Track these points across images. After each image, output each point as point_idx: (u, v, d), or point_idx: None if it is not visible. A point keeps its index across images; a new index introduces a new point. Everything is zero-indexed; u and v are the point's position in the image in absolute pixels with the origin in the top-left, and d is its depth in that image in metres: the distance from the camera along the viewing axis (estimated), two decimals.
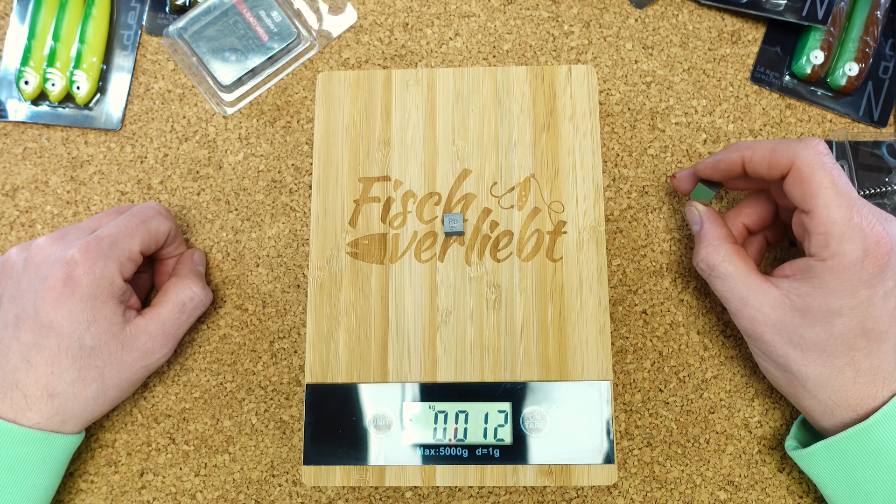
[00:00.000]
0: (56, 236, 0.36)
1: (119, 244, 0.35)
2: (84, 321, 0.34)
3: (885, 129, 0.43)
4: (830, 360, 0.32)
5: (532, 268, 0.38)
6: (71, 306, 0.34)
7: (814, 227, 0.31)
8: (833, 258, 0.31)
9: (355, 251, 0.39)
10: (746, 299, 0.34)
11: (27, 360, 0.34)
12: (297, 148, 0.43)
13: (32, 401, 0.34)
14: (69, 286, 0.34)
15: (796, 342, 0.33)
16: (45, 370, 0.34)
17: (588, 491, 0.39)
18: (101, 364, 0.35)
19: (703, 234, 0.37)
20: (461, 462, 0.37)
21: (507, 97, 0.40)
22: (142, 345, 0.36)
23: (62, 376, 0.34)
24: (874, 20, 0.42)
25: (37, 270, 0.35)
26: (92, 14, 0.44)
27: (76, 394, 0.35)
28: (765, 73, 0.43)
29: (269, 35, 0.43)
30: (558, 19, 0.44)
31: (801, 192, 0.32)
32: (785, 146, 0.33)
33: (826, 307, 0.31)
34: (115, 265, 0.35)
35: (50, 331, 0.34)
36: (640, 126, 0.43)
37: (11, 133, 0.44)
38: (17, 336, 0.34)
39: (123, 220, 0.37)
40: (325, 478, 0.37)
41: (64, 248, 0.35)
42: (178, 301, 0.38)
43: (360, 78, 0.41)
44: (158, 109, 0.44)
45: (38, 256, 0.35)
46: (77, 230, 0.37)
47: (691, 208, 0.38)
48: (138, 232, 0.36)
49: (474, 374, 0.37)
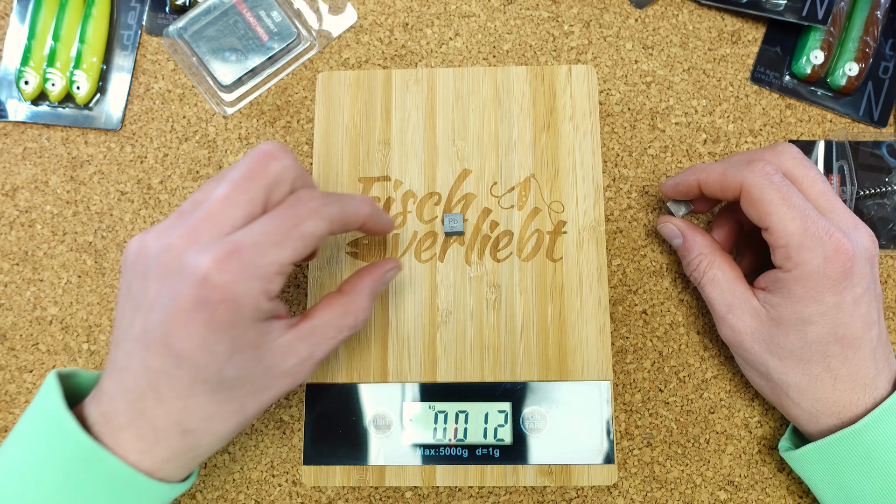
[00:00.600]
0: (190, 231, 0.28)
1: (265, 257, 0.27)
2: (223, 352, 0.27)
3: (885, 129, 0.43)
4: (807, 367, 0.33)
5: (532, 268, 0.38)
6: (206, 336, 0.27)
7: (774, 242, 0.33)
8: (796, 268, 0.32)
9: (355, 251, 0.39)
10: (731, 307, 0.35)
11: (155, 389, 0.28)
12: (297, 148, 0.43)
13: (163, 436, 0.29)
14: (203, 312, 0.27)
15: (774, 351, 0.34)
16: (176, 404, 0.28)
17: (588, 491, 0.39)
18: (242, 395, 0.29)
19: (688, 245, 0.37)
20: (461, 462, 0.37)
21: (507, 97, 0.40)
22: (289, 368, 0.30)
23: (196, 412, 0.29)
24: (874, 20, 0.42)
25: (167, 280, 0.28)
26: (92, 14, 0.44)
27: (213, 430, 0.30)
28: (765, 73, 0.43)
29: (270, 35, 0.43)
30: (558, 19, 0.44)
31: (755, 212, 0.33)
32: (734, 170, 0.34)
33: (796, 316, 0.32)
34: (259, 284, 0.27)
35: (182, 361, 0.27)
36: (640, 126, 0.43)
37: (11, 133, 0.44)
38: (144, 358, 0.28)
39: (272, 222, 0.28)
40: (325, 478, 0.37)
41: (197, 256, 0.27)
42: (339, 325, 0.32)
43: (360, 78, 0.41)
44: (158, 109, 0.44)
45: (170, 259, 0.28)
46: (211, 225, 0.28)
47: (666, 224, 0.39)
48: (289, 239, 0.28)
49: (474, 374, 0.37)
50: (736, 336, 0.35)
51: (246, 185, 0.28)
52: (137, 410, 0.29)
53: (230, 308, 0.27)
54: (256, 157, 0.29)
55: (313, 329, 0.31)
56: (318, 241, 0.30)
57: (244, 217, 0.28)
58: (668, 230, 0.39)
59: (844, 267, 0.31)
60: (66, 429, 0.29)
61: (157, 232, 0.29)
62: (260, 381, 0.29)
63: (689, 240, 0.37)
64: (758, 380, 0.36)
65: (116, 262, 0.42)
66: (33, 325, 0.42)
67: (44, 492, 0.29)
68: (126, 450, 0.29)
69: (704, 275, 0.36)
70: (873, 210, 0.41)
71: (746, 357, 0.35)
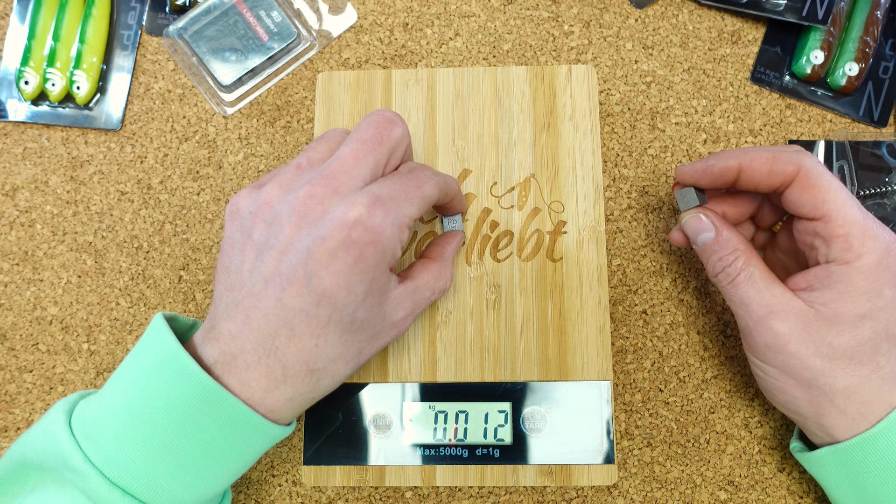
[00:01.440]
0: (328, 181, 0.29)
1: (401, 209, 0.30)
2: (361, 293, 0.29)
3: (885, 129, 0.43)
4: (857, 368, 0.31)
5: (532, 268, 0.38)
6: (350, 276, 0.28)
7: (832, 231, 0.31)
8: (858, 259, 0.30)
9: None
10: (772, 308, 0.32)
11: (290, 326, 0.29)
12: (297, 148, 0.43)
13: (291, 374, 0.30)
14: (351, 252, 0.28)
15: (824, 352, 0.31)
16: (309, 342, 0.29)
17: (588, 491, 0.39)
18: (364, 339, 0.31)
19: (723, 240, 0.34)
20: (461, 462, 0.37)
21: (507, 97, 0.40)
22: (399, 319, 0.33)
23: (326, 351, 0.30)
24: (874, 20, 0.42)
25: (307, 225, 0.29)
26: (92, 14, 0.44)
27: (334, 371, 0.31)
28: (765, 73, 0.43)
29: (269, 35, 0.43)
30: (558, 19, 0.44)
31: (810, 198, 0.31)
32: (787, 153, 0.32)
33: (856, 311, 0.30)
34: (399, 232, 0.30)
35: (323, 299, 0.28)
36: (640, 126, 0.43)
37: (11, 133, 0.44)
38: (281, 297, 0.29)
39: (401, 181, 0.31)
40: (325, 478, 0.37)
41: (345, 204, 0.28)
42: (434, 288, 0.34)
43: (360, 78, 0.41)
44: (158, 109, 0.44)
45: (314, 205, 0.29)
46: (350, 178, 0.30)
47: (698, 216, 0.35)
48: (416, 198, 0.31)
49: (474, 374, 0.37)
50: (779, 340, 0.31)
51: (374, 145, 0.31)
52: (269, 348, 0.29)
53: (377, 250, 0.29)
54: (381, 121, 0.31)
55: (416, 287, 0.33)
56: (432, 203, 0.33)
57: (371, 175, 0.30)
58: (697, 224, 0.34)
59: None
60: (185, 369, 0.29)
61: (278, 184, 0.31)
62: (378, 326, 0.32)
63: (724, 234, 0.34)
64: (793, 390, 0.32)
65: (116, 261, 0.42)
66: (33, 325, 0.42)
67: (160, 428, 0.29)
68: (252, 388, 0.30)
69: (741, 273, 0.33)
70: (873, 210, 0.41)
71: (789, 363, 0.32)
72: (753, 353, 0.33)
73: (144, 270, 0.42)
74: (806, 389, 0.32)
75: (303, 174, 0.31)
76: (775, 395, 0.34)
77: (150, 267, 0.42)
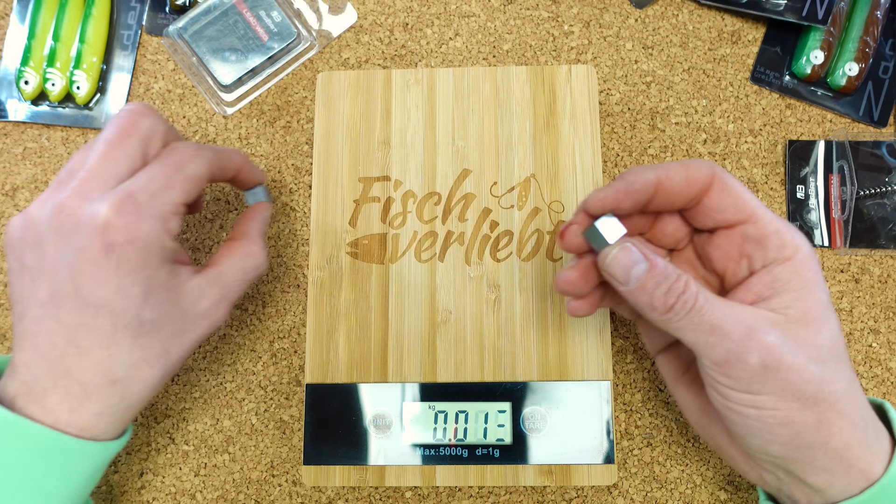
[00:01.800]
0: (77, 190, 0.29)
1: (159, 198, 0.29)
2: (139, 294, 0.29)
3: (885, 128, 0.43)
4: (845, 367, 0.28)
5: (532, 268, 0.38)
6: (119, 280, 0.28)
7: (763, 229, 0.29)
8: (798, 252, 0.28)
9: (355, 251, 0.39)
10: (748, 323, 0.27)
11: (76, 344, 0.29)
12: (297, 148, 0.43)
13: (91, 389, 0.29)
14: (111, 256, 0.28)
15: (815, 356, 0.27)
16: (101, 354, 0.29)
17: (588, 491, 0.39)
18: (165, 338, 0.30)
19: (660, 269, 0.28)
20: (461, 462, 0.37)
21: (507, 97, 0.40)
22: (205, 310, 0.32)
23: (122, 359, 0.29)
24: (874, 20, 0.42)
25: (65, 238, 0.29)
26: (92, 14, 0.44)
27: (141, 376, 0.30)
28: (765, 73, 0.43)
29: (269, 35, 0.43)
30: (558, 19, 0.44)
31: (732, 201, 0.29)
32: (695, 161, 0.30)
33: (821, 304, 0.28)
34: (159, 224, 0.29)
35: (99, 309, 0.28)
36: (640, 126, 0.43)
37: (11, 133, 0.44)
38: (57, 317, 0.28)
39: (157, 168, 0.30)
40: (325, 478, 0.37)
41: (92, 207, 0.28)
42: (242, 268, 0.34)
43: (360, 78, 0.41)
44: (159, 109, 0.44)
45: (65, 219, 0.29)
46: (97, 181, 0.29)
47: (627, 248, 0.29)
48: (176, 181, 0.30)
49: (474, 374, 0.38)
50: (772, 354, 0.27)
51: (121, 141, 0.30)
52: (61, 370, 0.29)
53: (137, 248, 0.28)
54: (125, 115, 0.31)
55: (219, 273, 0.33)
56: (202, 182, 0.32)
57: (127, 171, 0.30)
58: (627, 258, 0.28)
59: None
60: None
61: (39, 203, 0.30)
62: (179, 323, 0.31)
63: (659, 263, 0.28)
64: (799, 415, 0.27)
65: None
66: None
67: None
68: (56, 412, 0.29)
69: (698, 296, 0.27)
70: (873, 210, 0.41)
71: (789, 380, 0.27)
72: (742, 386, 0.27)
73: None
74: (812, 408, 0.27)
75: (60, 188, 0.30)
76: (774, 436, 0.28)
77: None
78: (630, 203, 0.29)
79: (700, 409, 0.32)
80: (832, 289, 0.41)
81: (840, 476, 0.28)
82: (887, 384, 0.40)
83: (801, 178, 0.42)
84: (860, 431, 0.28)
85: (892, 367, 0.40)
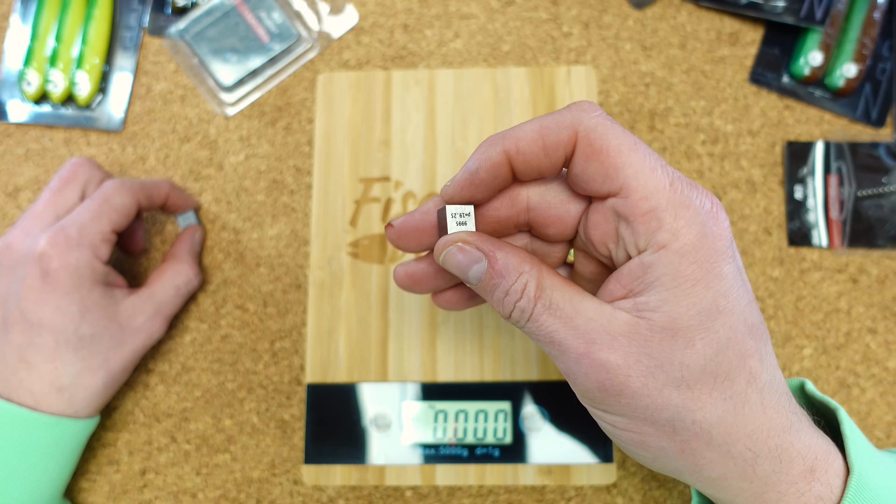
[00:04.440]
0: (22, 230, 0.35)
1: (87, 228, 0.34)
2: (75, 312, 0.34)
3: (883, 129, 0.43)
4: (730, 386, 0.23)
5: None
6: (57, 301, 0.33)
7: (634, 207, 0.22)
8: (675, 238, 0.22)
9: (356, 251, 0.39)
10: (591, 335, 0.23)
11: (25, 360, 0.34)
12: (297, 149, 0.43)
13: (41, 398, 0.34)
14: (48, 281, 0.33)
15: (677, 377, 0.22)
16: (47, 367, 0.34)
17: (587, 490, 0.39)
18: (103, 350, 0.35)
19: (500, 267, 0.24)
20: (461, 461, 0.37)
21: (506, 98, 0.41)
22: (140, 325, 0.37)
23: (66, 369, 0.34)
24: (872, 21, 0.43)
25: (13, 270, 0.34)
26: (94, 15, 0.44)
27: (84, 384, 0.35)
28: (763, 74, 0.44)
29: (270, 36, 0.44)
30: (557, 20, 0.45)
31: (598, 167, 0.23)
32: (556, 118, 0.24)
33: (697, 308, 0.22)
34: (89, 251, 0.34)
35: (42, 328, 0.33)
36: (640, 127, 0.43)
37: (14, 134, 0.44)
38: (8, 338, 0.34)
39: (86, 204, 0.35)
40: (326, 477, 0.37)
41: (32, 242, 0.34)
42: (174, 284, 0.38)
43: (361, 79, 0.41)
44: (160, 110, 0.44)
45: (10, 254, 0.35)
46: (39, 221, 0.35)
47: (459, 247, 0.25)
48: (104, 212, 0.35)
49: (474, 374, 0.38)
50: (613, 377, 0.22)
51: (62, 188, 0.36)
52: (14, 383, 0.34)
53: (70, 272, 0.33)
54: (68, 167, 0.37)
55: (153, 292, 0.37)
56: (129, 211, 0.36)
57: (66, 212, 0.36)
58: (466, 254, 0.24)
59: (727, 225, 0.23)
60: None
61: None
62: (116, 336, 0.35)
63: (500, 259, 0.24)
64: (656, 440, 0.23)
65: (118, 262, 0.43)
66: None
67: None
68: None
69: (537, 302, 0.23)
70: (871, 210, 0.41)
71: (637, 405, 0.23)
72: (591, 403, 0.25)
73: (146, 271, 0.42)
74: (670, 436, 0.23)
75: (10, 231, 0.36)
76: (638, 454, 0.25)
77: (151, 268, 0.42)
78: (484, 192, 0.25)
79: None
80: (831, 289, 0.41)
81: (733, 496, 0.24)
82: (885, 384, 0.40)
83: (799, 178, 0.42)
84: (740, 469, 0.23)
85: (889, 367, 0.40)
